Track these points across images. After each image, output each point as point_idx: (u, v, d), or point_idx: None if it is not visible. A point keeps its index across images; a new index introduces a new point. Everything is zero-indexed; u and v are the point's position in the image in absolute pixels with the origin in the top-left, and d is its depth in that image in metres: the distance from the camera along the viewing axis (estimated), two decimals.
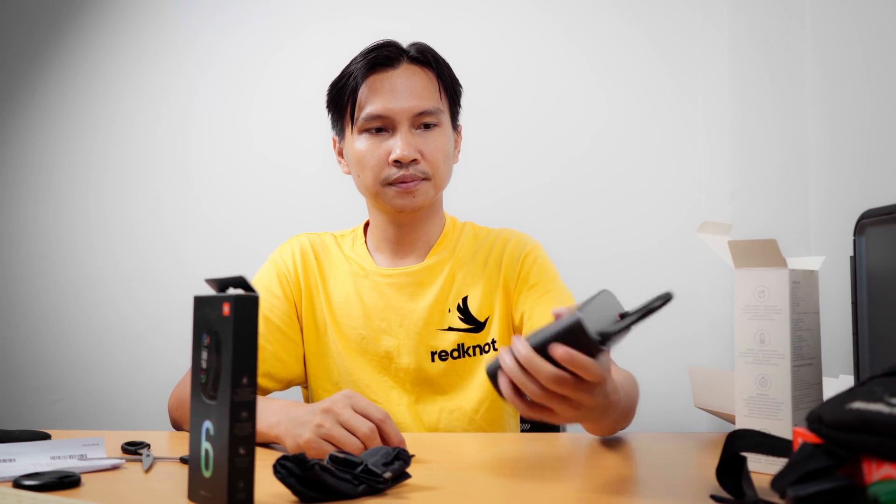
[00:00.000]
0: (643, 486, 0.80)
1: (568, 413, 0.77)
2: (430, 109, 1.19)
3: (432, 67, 1.22)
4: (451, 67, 1.26)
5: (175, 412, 1.17)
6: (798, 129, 1.79)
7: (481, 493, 0.77)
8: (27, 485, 0.73)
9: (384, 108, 1.17)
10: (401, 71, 1.20)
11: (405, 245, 1.26)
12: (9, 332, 2.10)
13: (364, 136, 1.20)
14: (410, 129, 1.18)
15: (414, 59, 1.21)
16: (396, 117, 1.17)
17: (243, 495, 0.65)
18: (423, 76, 1.21)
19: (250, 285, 0.67)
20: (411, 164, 1.17)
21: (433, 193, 1.22)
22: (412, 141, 1.17)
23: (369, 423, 0.87)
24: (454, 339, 1.22)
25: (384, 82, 1.19)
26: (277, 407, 0.96)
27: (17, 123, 2.12)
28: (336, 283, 1.26)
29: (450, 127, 1.25)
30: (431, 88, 1.21)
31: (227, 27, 2.08)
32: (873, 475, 0.54)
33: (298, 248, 1.28)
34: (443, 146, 1.21)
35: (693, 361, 1.81)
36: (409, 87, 1.19)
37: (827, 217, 1.71)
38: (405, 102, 1.17)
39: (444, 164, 1.21)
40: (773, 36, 1.82)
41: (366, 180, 1.20)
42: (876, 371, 0.67)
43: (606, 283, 1.93)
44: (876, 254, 0.83)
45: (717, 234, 0.88)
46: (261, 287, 1.25)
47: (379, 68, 1.19)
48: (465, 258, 1.26)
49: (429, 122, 1.19)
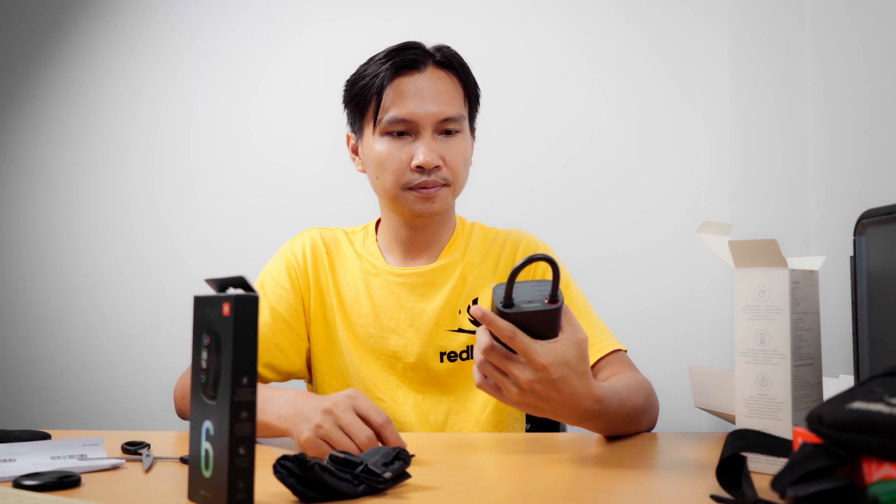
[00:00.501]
0: (643, 486, 0.80)
1: (510, 391, 0.84)
2: (454, 116, 1.19)
3: (457, 72, 1.22)
4: (471, 72, 1.25)
5: (181, 402, 1.17)
6: (798, 129, 1.79)
7: (481, 493, 0.77)
8: (27, 485, 0.73)
9: (409, 112, 1.16)
10: (426, 75, 1.19)
11: (417, 246, 1.26)
12: (9, 332, 2.10)
13: (386, 138, 1.18)
14: (433, 134, 1.18)
15: (439, 64, 1.20)
16: (421, 122, 1.17)
17: (243, 495, 0.65)
18: (447, 81, 1.20)
19: (250, 285, 0.67)
20: (433, 171, 1.17)
21: (451, 199, 1.22)
22: (435, 147, 1.17)
23: (368, 431, 0.86)
24: (464, 340, 1.22)
25: (409, 86, 1.17)
26: (287, 397, 0.95)
27: (17, 123, 2.12)
28: (346, 278, 1.26)
29: (468, 133, 1.24)
30: (456, 94, 1.21)
31: (227, 27, 2.08)
32: (873, 475, 0.54)
33: (310, 241, 1.28)
34: (464, 153, 1.21)
35: (693, 361, 1.81)
36: (434, 93, 1.18)
37: (827, 217, 1.71)
38: (430, 108, 1.17)
39: (463, 171, 1.21)
40: (773, 36, 1.82)
41: (385, 183, 1.19)
42: (876, 371, 0.67)
43: (606, 283, 1.94)
44: (876, 254, 0.83)
45: (717, 234, 0.88)
46: (269, 278, 1.25)
47: (405, 71, 1.18)
48: (476, 260, 1.26)
49: (451, 129, 1.19)
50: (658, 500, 0.75)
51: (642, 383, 1.12)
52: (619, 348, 1.18)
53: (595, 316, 1.24)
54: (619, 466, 0.88)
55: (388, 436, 0.88)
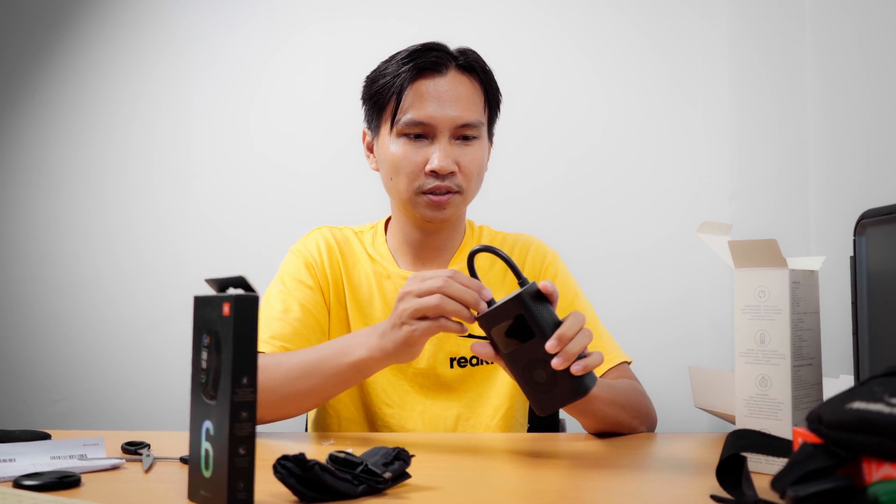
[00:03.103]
0: (643, 486, 0.80)
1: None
2: (473, 122, 1.17)
3: (479, 77, 1.20)
4: (493, 76, 1.23)
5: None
6: (798, 130, 1.79)
7: (481, 492, 0.77)
8: (27, 485, 0.73)
9: (427, 115, 1.15)
10: (448, 78, 1.17)
11: (428, 250, 1.25)
12: (9, 332, 2.10)
13: (402, 140, 1.17)
14: (450, 139, 1.16)
15: (462, 67, 1.18)
16: (438, 126, 1.15)
17: (243, 495, 0.65)
18: (468, 86, 1.18)
19: (250, 285, 0.67)
20: (447, 176, 1.15)
21: (463, 207, 1.21)
22: (451, 152, 1.15)
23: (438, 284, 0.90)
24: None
25: (430, 88, 1.16)
26: (350, 336, 1.02)
27: (17, 123, 2.12)
28: (360, 279, 1.25)
29: (486, 139, 1.23)
30: (476, 100, 1.19)
31: (227, 27, 2.08)
32: (873, 475, 0.54)
33: (323, 240, 1.26)
34: (479, 160, 1.19)
35: (693, 361, 1.81)
36: (454, 97, 1.16)
37: (827, 217, 1.71)
38: (449, 112, 1.15)
39: (477, 178, 1.20)
40: (773, 37, 1.82)
41: (398, 185, 1.18)
42: (876, 371, 0.67)
43: (606, 283, 1.94)
44: (876, 254, 0.83)
45: (717, 234, 0.88)
46: (290, 277, 1.23)
47: (427, 72, 1.16)
48: (486, 265, 1.25)
49: (469, 135, 1.17)
50: (658, 500, 0.75)
51: (638, 391, 1.13)
52: (625, 360, 1.20)
53: (602, 327, 1.24)
54: (620, 466, 0.88)
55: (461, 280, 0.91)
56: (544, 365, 0.83)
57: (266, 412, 1.02)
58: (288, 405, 1.04)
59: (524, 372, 0.86)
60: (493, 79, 1.23)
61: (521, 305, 0.84)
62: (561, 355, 0.82)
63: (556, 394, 0.85)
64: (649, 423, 1.13)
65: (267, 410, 1.02)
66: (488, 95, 1.22)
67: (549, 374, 0.84)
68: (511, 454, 0.96)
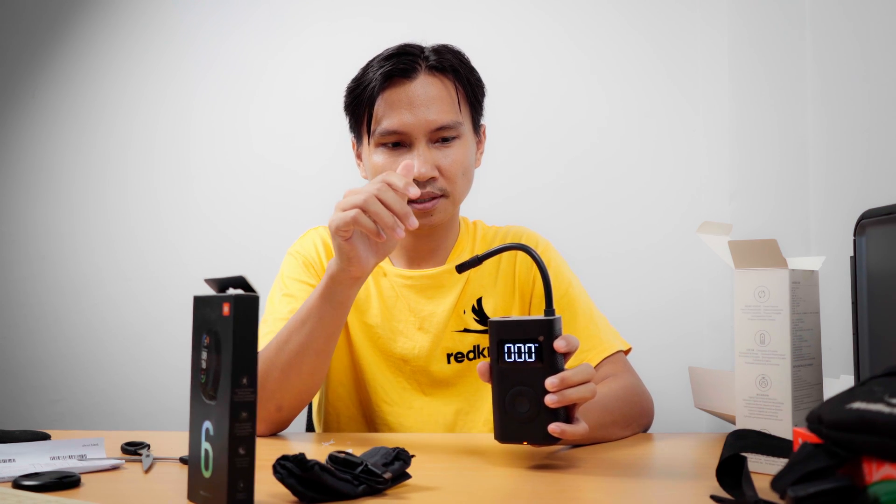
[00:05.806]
0: (643, 486, 0.80)
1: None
2: (449, 123, 1.15)
3: (452, 75, 1.18)
4: (473, 70, 1.21)
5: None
6: (798, 130, 1.79)
7: (481, 493, 0.77)
8: (27, 485, 0.73)
9: (400, 123, 1.13)
10: (419, 83, 1.15)
11: (423, 252, 1.25)
12: (9, 332, 2.10)
13: (381, 149, 1.16)
14: (428, 144, 1.15)
15: (432, 68, 1.16)
16: (413, 132, 1.14)
17: (243, 495, 0.65)
18: (441, 87, 1.16)
19: (250, 285, 0.67)
20: (429, 182, 1.14)
21: (452, 209, 1.20)
22: (430, 157, 1.14)
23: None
24: (471, 340, 1.22)
25: (401, 95, 1.14)
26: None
27: (17, 123, 2.12)
28: None
29: (470, 136, 1.21)
30: (450, 100, 1.17)
31: (227, 27, 2.08)
32: (873, 475, 0.54)
33: (320, 239, 1.26)
34: (462, 160, 1.17)
35: (693, 361, 1.81)
36: (426, 100, 1.14)
37: (827, 217, 1.71)
38: (422, 117, 1.13)
39: (462, 179, 1.18)
40: (773, 37, 1.81)
41: None
42: (876, 371, 0.67)
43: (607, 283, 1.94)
44: (876, 254, 0.83)
45: (716, 234, 0.88)
46: (292, 280, 1.22)
47: (396, 79, 1.14)
48: (487, 265, 1.24)
49: (447, 136, 1.16)
50: (658, 501, 0.75)
51: (631, 389, 1.11)
52: (619, 349, 1.19)
53: (598, 314, 1.23)
54: (619, 467, 0.88)
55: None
56: (532, 396, 0.83)
57: (284, 396, 1.03)
58: (291, 377, 1.04)
59: (508, 393, 0.85)
60: (473, 73, 1.21)
61: (546, 331, 0.83)
62: (558, 396, 0.82)
63: (527, 429, 0.84)
64: (646, 420, 1.12)
65: (284, 395, 1.03)
66: (465, 92, 1.19)
67: (532, 407, 0.83)
68: (511, 454, 0.96)
